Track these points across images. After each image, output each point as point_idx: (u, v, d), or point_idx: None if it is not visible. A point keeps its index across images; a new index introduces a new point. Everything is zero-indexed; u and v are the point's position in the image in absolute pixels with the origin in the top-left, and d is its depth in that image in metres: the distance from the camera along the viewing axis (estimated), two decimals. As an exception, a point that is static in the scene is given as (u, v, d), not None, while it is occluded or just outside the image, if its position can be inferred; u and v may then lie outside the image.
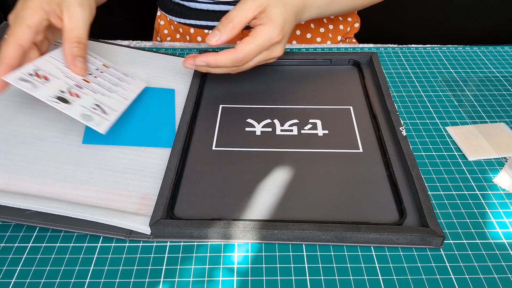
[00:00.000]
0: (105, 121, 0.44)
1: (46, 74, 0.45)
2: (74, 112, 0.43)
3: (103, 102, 0.47)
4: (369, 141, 0.47)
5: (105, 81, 0.50)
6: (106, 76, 0.51)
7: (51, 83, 0.44)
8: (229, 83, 0.56)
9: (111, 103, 0.47)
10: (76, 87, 0.46)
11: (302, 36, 0.75)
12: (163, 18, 0.78)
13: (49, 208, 0.38)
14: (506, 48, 0.64)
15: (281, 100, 0.53)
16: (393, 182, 0.42)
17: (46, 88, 0.44)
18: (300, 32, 0.74)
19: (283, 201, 0.40)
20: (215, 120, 0.50)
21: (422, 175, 0.42)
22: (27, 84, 0.43)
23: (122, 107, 0.48)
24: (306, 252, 0.37)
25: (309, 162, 0.44)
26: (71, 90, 0.45)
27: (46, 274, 0.35)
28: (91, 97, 0.46)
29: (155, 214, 0.38)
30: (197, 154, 0.45)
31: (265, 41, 0.48)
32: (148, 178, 0.43)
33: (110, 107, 0.47)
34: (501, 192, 0.42)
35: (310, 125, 0.49)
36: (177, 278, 0.35)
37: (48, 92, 0.44)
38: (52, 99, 0.43)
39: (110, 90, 0.49)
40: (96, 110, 0.45)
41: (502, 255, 0.37)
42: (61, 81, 0.46)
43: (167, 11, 0.76)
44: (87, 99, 0.45)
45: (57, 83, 0.45)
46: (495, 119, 0.51)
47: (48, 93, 0.43)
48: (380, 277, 0.35)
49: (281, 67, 0.59)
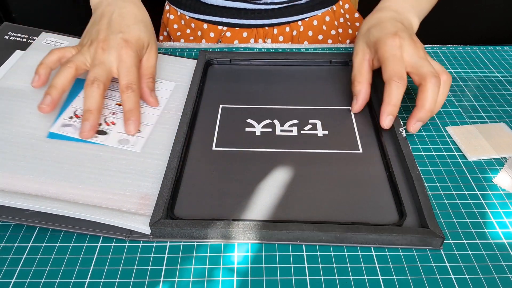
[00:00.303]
0: (140, 139, 0.47)
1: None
2: (112, 141, 0.46)
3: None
4: (369, 142, 0.47)
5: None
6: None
7: None
8: (229, 84, 0.56)
9: (144, 118, 0.49)
10: (111, 114, 0.49)
11: (314, 37, 0.75)
12: (173, 13, 0.78)
13: (49, 208, 0.38)
14: (506, 48, 0.64)
15: (281, 101, 0.53)
16: (393, 183, 0.42)
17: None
18: (313, 33, 0.75)
19: (282, 201, 0.40)
20: (215, 120, 0.50)
21: (422, 176, 0.42)
22: (69, 128, 0.47)
23: (154, 118, 0.50)
24: (306, 252, 0.37)
25: (309, 163, 0.44)
26: (107, 119, 0.48)
27: (46, 274, 0.35)
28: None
29: (155, 214, 0.38)
30: (197, 154, 0.45)
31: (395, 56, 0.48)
32: (148, 178, 0.43)
33: (143, 123, 0.49)
34: (501, 192, 0.42)
35: (310, 125, 0.49)
36: (177, 278, 0.35)
37: None
38: (93, 137, 0.46)
39: (142, 105, 0.51)
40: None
41: (502, 255, 0.37)
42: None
43: (179, 5, 0.76)
44: (122, 124, 0.48)
45: None
46: (495, 119, 0.51)
47: None
48: (380, 277, 0.35)
49: (281, 68, 0.59)
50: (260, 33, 0.74)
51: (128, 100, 0.47)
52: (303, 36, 0.75)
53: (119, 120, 0.48)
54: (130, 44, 0.49)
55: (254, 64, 0.59)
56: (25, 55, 0.56)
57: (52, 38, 0.59)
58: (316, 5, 0.74)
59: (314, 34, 0.75)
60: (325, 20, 0.75)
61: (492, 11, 1.35)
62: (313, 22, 0.74)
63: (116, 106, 0.50)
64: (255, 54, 0.59)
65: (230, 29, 0.73)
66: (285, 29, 0.74)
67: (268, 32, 0.74)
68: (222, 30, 0.74)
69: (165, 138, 0.47)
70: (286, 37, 0.74)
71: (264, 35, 0.74)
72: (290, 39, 0.74)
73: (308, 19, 0.74)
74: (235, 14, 0.72)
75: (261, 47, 0.65)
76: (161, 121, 0.50)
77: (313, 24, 0.75)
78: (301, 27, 0.74)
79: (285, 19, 0.73)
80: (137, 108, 0.48)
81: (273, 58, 0.59)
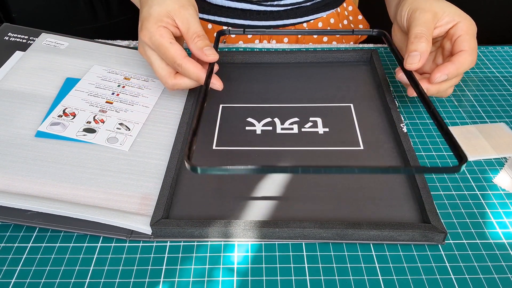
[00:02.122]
0: (129, 138, 0.47)
1: (73, 110, 0.49)
2: (100, 139, 0.46)
3: (126, 118, 0.49)
4: (370, 138, 0.47)
5: (126, 95, 0.52)
6: (128, 89, 0.53)
7: (78, 118, 0.48)
8: (229, 83, 0.56)
9: (134, 117, 0.49)
10: (101, 112, 0.49)
11: (318, 39, 0.76)
12: None
13: (50, 208, 0.38)
14: (506, 48, 0.64)
15: (281, 99, 0.53)
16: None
17: (73, 124, 0.47)
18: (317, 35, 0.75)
19: (283, 199, 0.40)
20: (215, 119, 0.50)
21: None
22: (57, 127, 0.47)
23: (144, 116, 0.50)
24: (306, 252, 0.37)
25: (310, 160, 0.44)
26: (96, 117, 0.48)
27: (46, 274, 0.35)
28: (115, 118, 0.49)
29: (155, 214, 0.38)
30: (197, 154, 0.45)
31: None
32: (148, 179, 0.43)
33: (133, 121, 0.49)
34: (501, 192, 0.42)
35: (310, 123, 0.49)
36: (177, 278, 0.35)
37: (76, 128, 0.47)
38: (80, 134, 0.46)
39: (132, 104, 0.51)
40: (120, 129, 0.48)
41: (502, 255, 0.37)
42: (87, 111, 0.49)
43: None
44: (111, 122, 0.48)
45: (83, 115, 0.49)
46: (495, 119, 0.51)
47: (76, 129, 0.47)
48: (380, 277, 0.35)
49: (281, 66, 0.59)
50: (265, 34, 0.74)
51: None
52: (308, 38, 0.75)
53: (108, 118, 0.48)
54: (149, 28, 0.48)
55: (253, 63, 0.59)
56: (25, 56, 0.56)
57: (52, 39, 0.59)
58: (321, 7, 0.74)
59: (319, 36, 0.76)
60: (329, 22, 0.76)
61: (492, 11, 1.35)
62: (318, 24, 0.75)
63: (106, 104, 0.50)
64: (254, 53, 0.59)
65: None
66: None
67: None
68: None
69: (159, 137, 0.47)
70: (291, 38, 0.75)
71: (269, 37, 0.74)
72: (295, 41, 0.75)
73: (313, 21, 0.74)
74: (240, 15, 0.72)
75: (261, 47, 0.65)
76: (152, 119, 0.50)
77: (317, 26, 0.75)
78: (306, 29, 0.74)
79: (290, 20, 0.73)
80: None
81: (273, 56, 0.59)
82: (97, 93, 0.52)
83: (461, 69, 0.45)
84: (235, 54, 0.59)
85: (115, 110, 0.50)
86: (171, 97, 0.53)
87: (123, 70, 0.56)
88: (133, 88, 0.53)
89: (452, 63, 0.45)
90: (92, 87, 0.53)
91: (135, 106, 0.51)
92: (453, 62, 0.45)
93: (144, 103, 0.51)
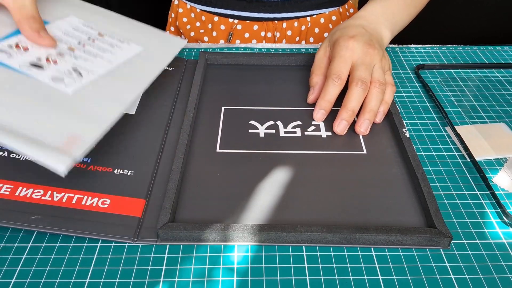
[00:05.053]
0: (78, 83, 0.42)
1: (28, 45, 0.44)
2: (44, 76, 0.41)
3: (82, 66, 0.44)
4: (373, 143, 0.47)
5: (93, 48, 0.48)
6: (97, 44, 0.49)
7: (29, 53, 0.43)
8: (230, 85, 0.56)
9: (91, 66, 0.44)
10: (57, 54, 0.44)
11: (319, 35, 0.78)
12: (182, 6, 0.78)
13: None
14: (506, 48, 0.64)
15: (284, 102, 0.53)
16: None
17: (21, 57, 0.42)
18: (319, 30, 0.77)
19: (289, 203, 0.40)
20: (218, 122, 0.50)
21: (426, 176, 0.42)
22: (2, 54, 0.42)
23: (102, 69, 0.45)
24: (306, 252, 0.37)
25: (313, 164, 0.44)
26: (50, 57, 0.44)
27: (46, 274, 0.35)
28: (70, 63, 0.44)
29: (162, 217, 0.38)
30: (201, 156, 0.45)
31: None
32: (85, 121, 0.39)
33: (88, 70, 0.44)
34: (501, 192, 0.42)
35: (313, 126, 0.49)
36: (177, 278, 0.35)
37: (23, 60, 0.42)
38: (25, 66, 0.41)
39: (95, 56, 0.47)
40: (72, 74, 0.43)
41: (502, 255, 0.37)
42: (42, 50, 0.44)
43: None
44: (64, 65, 0.43)
45: (37, 52, 0.44)
46: (495, 119, 0.51)
47: (22, 61, 0.42)
48: (380, 277, 0.35)
49: (283, 68, 0.59)
50: (270, 27, 0.76)
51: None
52: (310, 32, 0.77)
53: (62, 61, 0.44)
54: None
55: (256, 65, 0.59)
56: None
57: None
58: (324, 3, 0.76)
59: (320, 32, 0.77)
60: (331, 19, 0.77)
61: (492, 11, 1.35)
62: (320, 20, 0.76)
63: (67, 50, 0.46)
64: (257, 55, 0.59)
65: (241, 22, 0.75)
66: (293, 24, 0.76)
67: (277, 26, 0.76)
68: (233, 23, 0.75)
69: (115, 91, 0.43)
70: (294, 31, 0.76)
71: (273, 29, 0.76)
72: (298, 33, 0.76)
73: (316, 16, 0.76)
74: (246, 7, 0.73)
75: (261, 47, 0.65)
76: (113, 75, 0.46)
77: (320, 22, 0.76)
78: (309, 23, 0.76)
79: (294, 13, 0.75)
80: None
81: (275, 59, 0.59)
82: (61, 39, 0.47)
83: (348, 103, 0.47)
84: (237, 56, 0.59)
85: (74, 57, 0.45)
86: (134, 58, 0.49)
87: (101, 28, 0.52)
88: (104, 45, 0.49)
89: (341, 108, 0.48)
90: (59, 32, 0.48)
91: (98, 59, 0.46)
92: (341, 106, 0.48)
93: (109, 59, 0.47)
